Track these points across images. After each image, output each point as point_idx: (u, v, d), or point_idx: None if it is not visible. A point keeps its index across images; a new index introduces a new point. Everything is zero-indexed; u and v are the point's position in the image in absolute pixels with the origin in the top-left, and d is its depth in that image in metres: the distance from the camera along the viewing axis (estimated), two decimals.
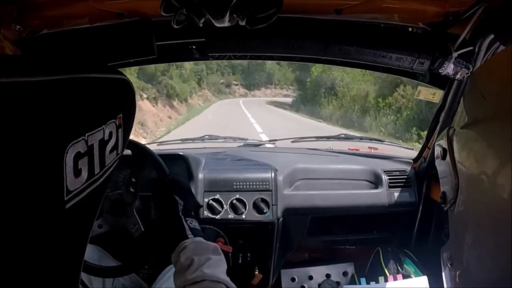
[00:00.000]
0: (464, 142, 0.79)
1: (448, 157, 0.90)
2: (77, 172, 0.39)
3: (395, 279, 1.56)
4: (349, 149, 1.90)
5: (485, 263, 0.64)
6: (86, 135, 0.40)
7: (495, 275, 0.57)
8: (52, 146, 0.36)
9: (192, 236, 0.91)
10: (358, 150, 1.88)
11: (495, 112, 0.65)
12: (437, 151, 0.99)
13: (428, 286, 1.45)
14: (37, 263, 0.38)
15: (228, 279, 0.82)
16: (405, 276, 1.56)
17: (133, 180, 1.22)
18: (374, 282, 1.58)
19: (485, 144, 0.68)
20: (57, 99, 0.37)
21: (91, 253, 1.23)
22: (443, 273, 0.93)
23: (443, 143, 0.95)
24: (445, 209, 0.97)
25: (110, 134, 0.45)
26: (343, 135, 2.07)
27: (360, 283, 1.62)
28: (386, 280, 1.56)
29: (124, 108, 0.49)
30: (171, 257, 0.90)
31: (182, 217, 0.96)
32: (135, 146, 1.13)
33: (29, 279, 0.37)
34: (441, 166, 0.96)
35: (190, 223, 0.94)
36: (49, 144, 0.36)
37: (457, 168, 0.84)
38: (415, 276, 1.53)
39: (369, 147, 1.94)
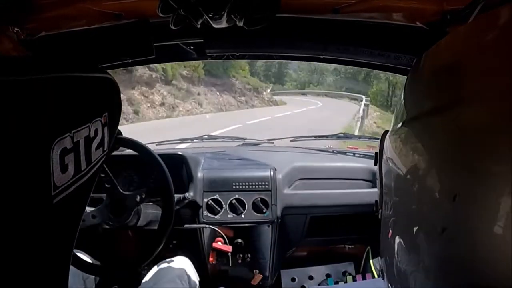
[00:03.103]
0: (393, 142, 0.72)
1: (378, 162, 0.85)
2: (63, 168, 0.40)
3: (364, 278, 1.57)
4: (348, 148, 1.90)
5: (412, 271, 0.60)
6: (72, 132, 0.41)
7: (424, 284, 0.53)
8: (38, 142, 0.37)
9: None
10: (357, 148, 1.88)
11: (422, 110, 0.60)
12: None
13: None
14: (26, 257, 0.38)
15: None
16: None
17: (135, 179, 1.22)
18: None
19: (412, 143, 0.62)
20: (43, 97, 0.38)
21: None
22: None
23: (377, 148, 0.88)
24: (379, 217, 0.93)
25: (96, 131, 0.46)
26: (342, 134, 2.07)
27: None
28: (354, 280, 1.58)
29: (109, 106, 0.50)
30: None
31: None
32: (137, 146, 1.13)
33: (17, 273, 0.38)
34: (376, 173, 0.91)
35: None
36: (36, 140, 0.37)
37: (382, 174, 0.80)
38: None
39: (368, 146, 1.95)
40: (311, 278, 1.71)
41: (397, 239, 0.66)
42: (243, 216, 1.44)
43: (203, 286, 1.39)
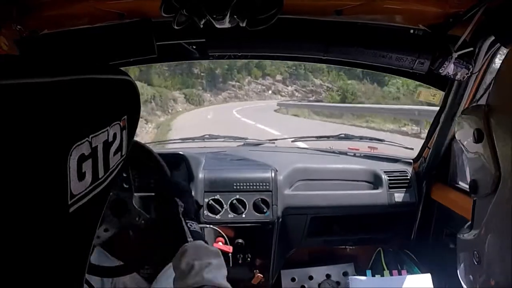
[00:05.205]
0: (508, 127, 0.68)
1: (485, 141, 0.76)
2: (81, 176, 0.39)
3: (400, 274, 1.56)
4: (349, 148, 1.90)
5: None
6: (90, 137, 0.39)
7: None
8: (56, 149, 0.36)
9: (192, 239, 0.90)
10: (358, 150, 1.88)
11: None
12: (466, 131, 0.83)
13: (431, 283, 1.46)
14: (41, 266, 0.38)
15: (228, 284, 0.81)
16: None
17: (125, 175, 1.21)
18: None
19: None
20: (61, 101, 0.37)
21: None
22: (458, 271, 0.87)
23: (476, 122, 0.79)
24: (474, 198, 0.85)
25: (114, 135, 0.44)
26: (343, 135, 2.07)
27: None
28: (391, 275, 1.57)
29: (128, 109, 0.48)
30: (172, 260, 0.88)
31: (183, 219, 0.94)
32: (136, 145, 1.12)
33: (33, 283, 0.37)
34: (473, 150, 0.80)
35: (191, 225, 0.94)
36: (53, 147, 0.36)
37: (498, 156, 0.73)
38: None
39: (369, 147, 1.94)
40: (311, 278, 1.71)
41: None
42: (243, 216, 1.44)
43: None
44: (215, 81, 25.42)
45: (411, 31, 1.14)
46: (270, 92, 25.17)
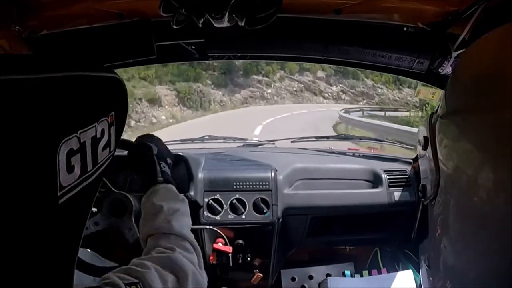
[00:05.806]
0: (447, 134, 0.74)
1: (429, 148, 0.83)
2: (70, 168, 0.40)
3: (379, 273, 1.56)
4: (348, 149, 1.90)
5: (462, 266, 0.62)
6: (79, 132, 0.41)
7: (473, 280, 0.55)
8: (45, 143, 0.37)
9: (162, 179, 0.91)
10: (357, 150, 1.88)
11: (477, 105, 0.62)
12: (419, 138, 0.90)
13: (413, 280, 1.46)
14: (30, 258, 0.38)
15: (192, 236, 0.83)
16: None
17: (135, 179, 1.21)
18: None
19: (468, 139, 0.64)
20: (50, 97, 0.38)
21: (82, 254, 1.22)
22: (420, 272, 0.90)
23: (424, 130, 0.85)
24: (425, 203, 0.91)
25: (103, 131, 0.46)
26: (343, 135, 2.07)
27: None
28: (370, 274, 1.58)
29: (116, 106, 0.50)
30: (142, 200, 0.90)
31: (156, 160, 0.95)
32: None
33: (22, 275, 0.38)
34: (422, 157, 0.88)
35: (163, 167, 0.95)
36: (42, 141, 0.37)
37: (438, 162, 0.79)
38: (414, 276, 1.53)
39: (368, 147, 1.95)
40: (311, 277, 1.70)
41: (456, 232, 0.68)
42: (243, 216, 1.44)
43: None
44: (232, 74, 18.71)
45: (410, 29, 1.14)
46: (308, 92, 18.88)
